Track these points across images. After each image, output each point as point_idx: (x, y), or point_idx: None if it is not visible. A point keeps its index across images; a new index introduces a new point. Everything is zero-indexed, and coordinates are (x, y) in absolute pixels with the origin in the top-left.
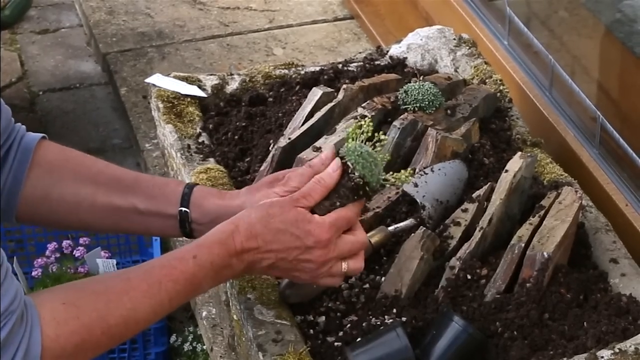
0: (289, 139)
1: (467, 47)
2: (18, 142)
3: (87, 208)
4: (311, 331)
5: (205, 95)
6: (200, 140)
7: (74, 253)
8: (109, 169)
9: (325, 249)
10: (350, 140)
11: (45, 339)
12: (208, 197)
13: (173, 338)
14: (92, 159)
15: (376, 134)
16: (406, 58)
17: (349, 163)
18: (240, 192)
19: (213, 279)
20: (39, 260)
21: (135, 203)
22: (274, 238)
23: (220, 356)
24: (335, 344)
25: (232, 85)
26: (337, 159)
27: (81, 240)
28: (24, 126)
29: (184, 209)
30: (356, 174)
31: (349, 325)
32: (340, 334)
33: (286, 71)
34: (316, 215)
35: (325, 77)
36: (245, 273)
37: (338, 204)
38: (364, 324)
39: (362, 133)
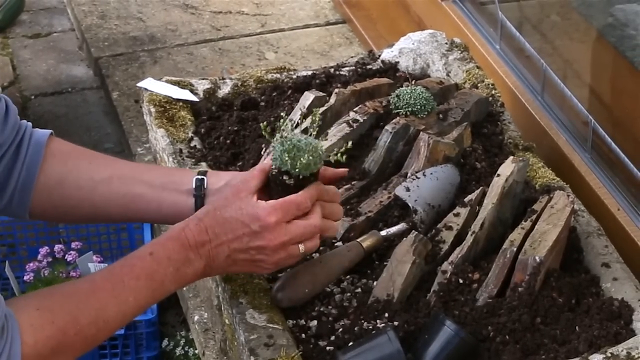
0: None
1: (459, 52)
2: (28, 138)
3: (101, 192)
4: (303, 335)
5: (197, 100)
6: (192, 144)
7: (66, 257)
8: (123, 160)
9: (274, 232)
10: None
11: (24, 347)
12: (225, 172)
13: (165, 342)
14: (104, 154)
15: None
16: (398, 62)
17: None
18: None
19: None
20: (31, 264)
21: (150, 180)
22: (222, 229)
23: None
24: (327, 348)
25: (224, 90)
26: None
27: (73, 245)
28: (30, 123)
29: (200, 176)
30: (273, 165)
31: (340, 329)
32: (332, 338)
33: (278, 75)
34: (261, 201)
35: (317, 81)
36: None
37: (277, 197)
38: (355, 328)
39: (283, 125)
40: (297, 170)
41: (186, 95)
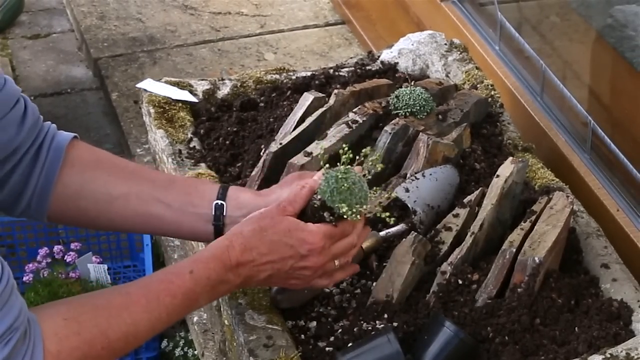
0: (281, 144)
1: (459, 52)
2: (49, 141)
3: (118, 208)
4: (302, 336)
5: (197, 101)
6: (191, 145)
7: (65, 258)
8: (142, 170)
9: (321, 255)
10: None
11: (47, 355)
12: (244, 192)
13: (164, 343)
14: (125, 161)
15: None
16: (397, 63)
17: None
18: (272, 189)
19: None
20: (30, 265)
21: (169, 201)
22: (269, 250)
23: None
24: (327, 349)
25: (224, 91)
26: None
27: (72, 246)
28: (54, 125)
29: (220, 201)
30: (318, 195)
31: (340, 330)
32: (332, 339)
33: (277, 76)
34: (310, 224)
35: (317, 82)
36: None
37: (304, 218)
38: (355, 329)
39: (346, 158)
40: (341, 213)
41: (185, 96)
